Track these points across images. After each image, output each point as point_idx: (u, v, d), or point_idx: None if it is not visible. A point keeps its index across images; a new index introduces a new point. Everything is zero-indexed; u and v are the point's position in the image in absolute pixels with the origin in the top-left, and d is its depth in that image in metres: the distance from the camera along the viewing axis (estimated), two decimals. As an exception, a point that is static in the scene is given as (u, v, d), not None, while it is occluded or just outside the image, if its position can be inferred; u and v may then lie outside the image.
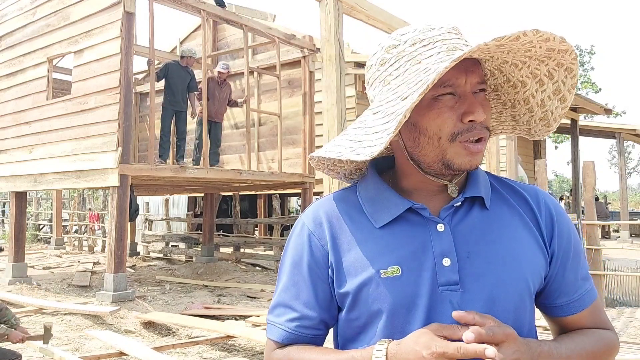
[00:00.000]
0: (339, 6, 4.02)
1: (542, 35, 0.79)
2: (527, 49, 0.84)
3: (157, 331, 5.82)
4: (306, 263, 0.95)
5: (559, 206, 0.99)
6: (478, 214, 0.93)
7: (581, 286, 0.96)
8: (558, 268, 0.94)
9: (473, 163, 0.88)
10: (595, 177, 6.24)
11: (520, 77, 0.93)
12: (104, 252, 13.61)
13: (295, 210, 21.46)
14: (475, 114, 0.85)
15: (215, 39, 12.23)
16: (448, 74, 0.85)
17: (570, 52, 0.84)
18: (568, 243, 0.96)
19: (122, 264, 7.26)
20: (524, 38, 0.79)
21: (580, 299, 0.96)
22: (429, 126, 0.88)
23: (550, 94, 0.93)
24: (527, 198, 0.97)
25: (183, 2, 8.13)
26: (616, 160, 24.44)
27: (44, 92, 8.85)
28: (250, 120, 10.27)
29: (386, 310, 0.88)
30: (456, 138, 0.87)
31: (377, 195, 0.95)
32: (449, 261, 0.87)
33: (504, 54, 0.88)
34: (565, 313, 0.96)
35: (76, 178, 7.98)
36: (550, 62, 0.88)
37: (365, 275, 0.89)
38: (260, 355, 4.91)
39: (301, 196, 10.60)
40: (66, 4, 8.44)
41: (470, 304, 0.86)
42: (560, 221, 0.96)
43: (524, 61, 0.90)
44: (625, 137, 15.93)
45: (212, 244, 11.73)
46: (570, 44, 0.83)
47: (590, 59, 28.17)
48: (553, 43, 0.82)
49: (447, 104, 0.87)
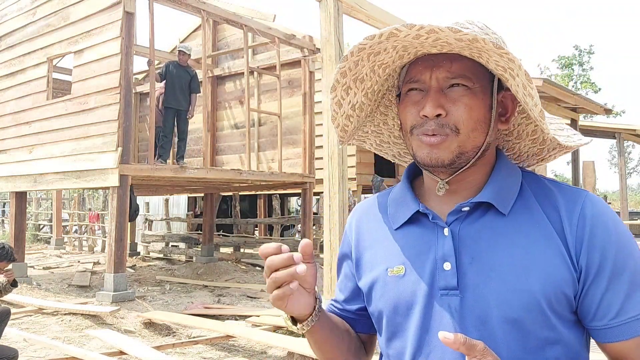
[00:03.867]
0: (339, 6, 4.02)
1: (422, 28, 0.76)
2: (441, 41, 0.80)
3: (157, 331, 5.82)
4: (340, 255, 1.07)
5: (602, 215, 0.86)
6: (492, 220, 0.88)
7: (627, 311, 0.82)
8: (590, 284, 0.83)
9: (432, 157, 0.86)
10: (595, 177, 6.25)
11: (495, 70, 0.86)
12: (104, 252, 13.61)
13: (295, 210, 21.44)
14: (424, 109, 0.85)
15: (215, 39, 12.23)
16: (414, 70, 0.89)
17: (483, 41, 0.76)
18: (603, 257, 0.83)
19: (122, 264, 7.27)
20: (407, 31, 0.78)
21: (624, 326, 0.82)
22: (401, 120, 0.92)
23: (523, 90, 0.84)
24: (559, 206, 0.87)
25: (183, 2, 8.13)
26: (616, 160, 24.45)
27: (44, 92, 8.85)
28: (250, 120, 10.27)
29: (388, 307, 0.91)
30: (413, 132, 0.89)
31: (399, 197, 0.98)
32: (449, 265, 0.86)
33: (473, 50, 0.82)
34: (605, 339, 0.84)
35: (76, 178, 7.98)
36: (490, 53, 0.80)
37: (376, 273, 0.94)
38: (260, 355, 4.91)
39: (301, 196, 10.60)
40: (66, 4, 8.44)
41: (468, 311, 0.84)
42: (595, 232, 0.84)
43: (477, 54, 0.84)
44: (625, 137, 15.92)
45: (212, 244, 11.74)
46: (470, 32, 0.75)
47: (590, 58, 28.16)
48: (445, 34, 0.76)
49: (412, 99, 0.89)
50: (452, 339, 0.72)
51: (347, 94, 0.95)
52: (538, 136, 0.99)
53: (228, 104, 12.16)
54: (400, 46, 0.85)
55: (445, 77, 0.86)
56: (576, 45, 30.08)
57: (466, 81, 0.86)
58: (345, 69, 0.90)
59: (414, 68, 0.90)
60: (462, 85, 0.86)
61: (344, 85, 0.93)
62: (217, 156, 12.18)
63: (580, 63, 28.03)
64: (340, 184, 4.02)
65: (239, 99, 11.78)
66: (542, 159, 1.03)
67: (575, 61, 27.88)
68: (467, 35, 0.75)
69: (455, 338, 0.72)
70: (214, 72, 12.06)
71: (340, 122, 1.01)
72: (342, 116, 0.99)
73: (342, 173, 4.04)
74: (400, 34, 0.79)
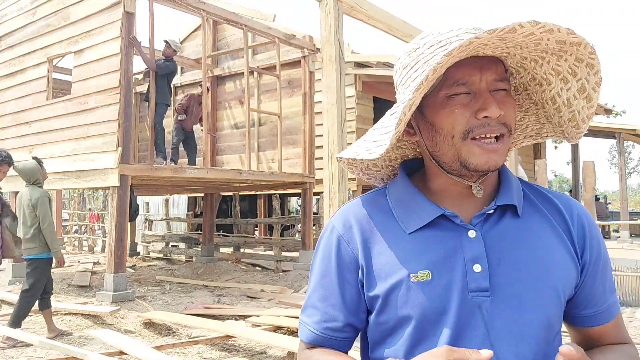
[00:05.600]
0: (339, 6, 4.02)
1: (544, 27, 0.76)
2: (535, 42, 0.82)
3: (157, 331, 5.82)
4: (335, 266, 0.95)
5: (590, 217, 0.98)
6: (510, 221, 0.92)
7: (608, 298, 0.96)
8: (587, 279, 0.94)
9: (490, 163, 0.86)
10: (595, 177, 6.25)
11: (543, 74, 0.92)
12: (104, 252, 13.61)
13: (295, 210, 21.46)
14: (489, 110, 0.84)
15: (215, 39, 12.23)
16: (462, 71, 0.86)
17: (585, 45, 0.81)
18: (598, 254, 0.95)
19: (122, 264, 7.27)
20: (521, 30, 0.77)
21: (607, 311, 0.96)
22: (443, 124, 0.88)
23: (575, 92, 0.90)
24: (560, 207, 0.96)
25: (183, 2, 8.13)
26: (616, 160, 24.43)
27: (44, 92, 8.85)
28: (250, 120, 10.27)
29: (416, 315, 0.87)
30: (468, 135, 0.86)
31: (407, 200, 0.95)
32: (479, 267, 0.86)
33: (517, 49, 0.86)
34: (592, 324, 0.96)
35: (76, 178, 7.98)
36: (569, 58, 0.86)
37: (396, 279, 0.89)
38: (260, 356, 4.91)
39: (301, 196, 10.60)
40: (66, 4, 8.44)
41: (500, 311, 0.85)
42: (592, 233, 0.96)
43: (542, 56, 0.88)
44: (625, 137, 15.91)
45: (212, 244, 11.74)
46: (583, 37, 0.80)
47: (590, 59, 28.15)
48: (559, 35, 0.79)
49: (460, 101, 0.86)
50: (575, 352, 0.76)
51: (420, 94, 0.83)
52: None
53: (228, 104, 12.16)
54: (477, 45, 0.80)
55: (493, 80, 0.87)
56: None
57: (507, 84, 0.89)
58: (440, 65, 0.79)
59: (457, 70, 0.86)
60: (504, 88, 0.88)
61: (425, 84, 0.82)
62: (217, 156, 12.19)
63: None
64: (340, 184, 4.02)
65: (239, 99, 11.78)
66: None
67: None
68: (579, 37, 0.80)
69: (577, 350, 0.76)
70: (214, 72, 12.06)
71: (400, 129, 0.86)
72: (404, 122, 0.86)
73: (342, 173, 4.03)
74: (520, 29, 0.77)
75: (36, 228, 5.16)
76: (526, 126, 1.06)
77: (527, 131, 1.07)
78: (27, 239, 5.15)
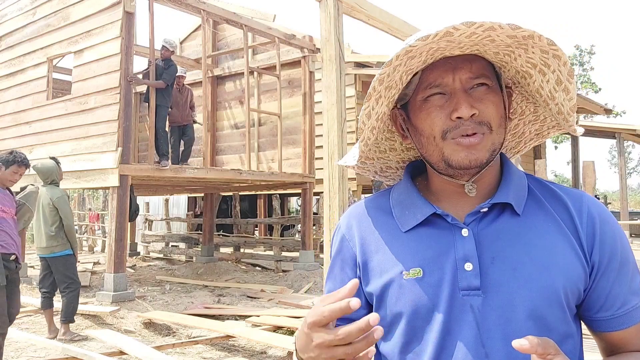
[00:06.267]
0: (339, 6, 4.01)
1: (481, 25, 0.76)
2: (489, 40, 0.82)
3: (157, 331, 5.82)
4: (339, 263, 1.00)
5: (605, 213, 0.92)
6: (508, 219, 0.90)
7: (629, 301, 0.88)
8: (599, 279, 0.88)
9: (470, 158, 0.86)
10: (595, 177, 6.24)
11: (521, 67, 0.91)
12: (104, 252, 13.62)
13: (295, 210, 21.45)
14: (459, 111, 0.84)
15: (215, 39, 12.22)
16: (435, 73, 0.87)
17: (539, 37, 0.79)
18: (612, 252, 0.89)
19: (122, 264, 7.27)
20: (457, 32, 0.77)
21: (627, 315, 0.88)
22: (423, 127, 0.89)
23: (554, 84, 0.90)
24: (568, 205, 0.92)
25: (183, 2, 8.13)
26: (616, 160, 24.45)
27: (44, 92, 8.85)
28: (250, 120, 10.27)
29: (407, 311, 0.88)
30: (447, 136, 0.87)
31: (406, 199, 0.96)
32: (470, 266, 0.86)
33: (484, 45, 0.85)
34: (609, 328, 0.89)
35: (76, 178, 7.98)
36: (535, 50, 0.84)
37: (389, 277, 0.91)
38: (260, 356, 4.91)
39: (301, 196, 10.60)
40: (66, 4, 8.44)
41: (491, 310, 0.85)
42: (604, 229, 0.90)
43: (511, 50, 0.87)
44: (625, 137, 15.91)
45: (212, 244, 11.74)
46: (531, 30, 0.77)
47: (590, 59, 28.15)
48: (504, 31, 0.78)
49: (435, 103, 0.87)
50: (527, 345, 0.71)
51: (377, 103, 0.88)
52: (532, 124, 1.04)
53: (228, 104, 12.16)
54: (435, 48, 0.82)
55: (468, 78, 0.87)
56: (577, 45, 30.02)
57: (486, 80, 0.88)
58: (385, 75, 0.83)
59: (431, 73, 0.88)
60: (484, 84, 0.88)
61: (378, 93, 0.86)
62: (217, 156, 12.19)
63: (580, 63, 28.04)
64: (340, 184, 4.02)
65: (239, 99, 11.78)
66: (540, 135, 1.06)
67: (576, 61, 27.88)
68: (526, 31, 0.77)
69: (531, 343, 0.72)
70: (214, 72, 12.05)
71: (365, 136, 0.92)
72: (369, 129, 0.92)
73: (342, 173, 4.03)
74: (456, 32, 0.77)
75: (57, 226, 5.29)
76: (522, 132, 1.06)
77: (525, 136, 1.07)
78: (49, 237, 5.27)
